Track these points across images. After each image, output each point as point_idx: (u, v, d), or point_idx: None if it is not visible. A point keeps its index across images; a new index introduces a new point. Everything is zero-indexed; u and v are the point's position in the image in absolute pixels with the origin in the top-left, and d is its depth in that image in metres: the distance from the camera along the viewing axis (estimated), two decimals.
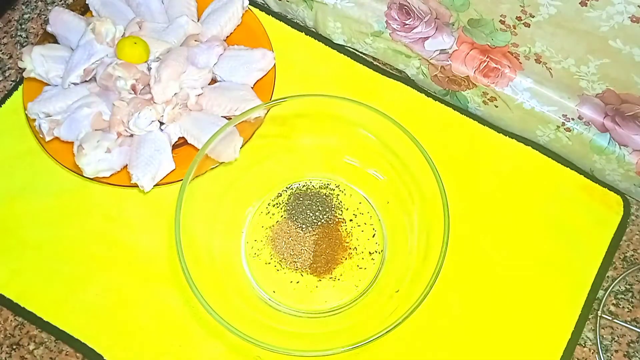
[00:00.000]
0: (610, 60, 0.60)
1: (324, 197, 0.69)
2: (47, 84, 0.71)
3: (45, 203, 0.70)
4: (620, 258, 0.69)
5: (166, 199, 0.69)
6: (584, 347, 0.65)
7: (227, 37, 0.76)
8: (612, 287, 0.67)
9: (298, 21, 0.82)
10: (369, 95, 0.75)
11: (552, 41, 0.62)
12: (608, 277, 0.68)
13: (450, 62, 0.73)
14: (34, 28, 0.82)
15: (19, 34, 0.81)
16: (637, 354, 0.65)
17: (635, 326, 0.66)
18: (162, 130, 0.68)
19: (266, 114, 0.64)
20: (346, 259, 0.67)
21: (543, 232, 0.69)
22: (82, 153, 0.64)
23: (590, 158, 0.71)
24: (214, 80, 0.73)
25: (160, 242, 0.67)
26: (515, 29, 0.64)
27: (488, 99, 0.74)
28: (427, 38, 0.74)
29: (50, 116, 0.68)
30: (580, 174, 0.72)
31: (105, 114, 0.68)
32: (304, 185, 0.70)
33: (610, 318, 0.66)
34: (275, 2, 0.81)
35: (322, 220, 0.67)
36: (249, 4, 0.76)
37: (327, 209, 0.68)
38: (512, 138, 0.74)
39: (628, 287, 0.68)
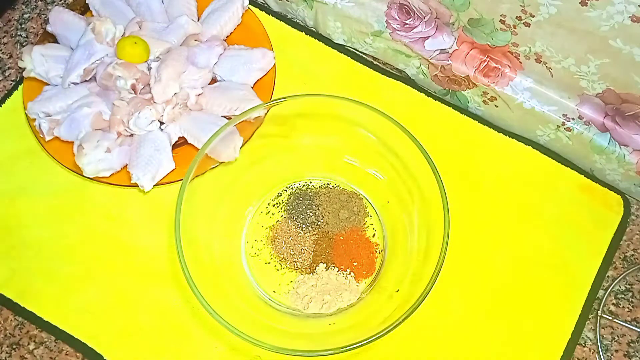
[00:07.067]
0: (610, 60, 0.60)
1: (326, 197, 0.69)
2: (47, 84, 0.71)
3: (45, 203, 0.70)
4: (620, 258, 0.69)
5: (166, 199, 0.69)
6: (584, 347, 0.65)
7: (227, 36, 0.76)
8: (612, 287, 0.67)
9: (298, 21, 0.82)
10: (369, 95, 0.75)
11: (552, 41, 0.62)
12: (608, 277, 0.68)
13: (450, 62, 0.73)
14: (34, 28, 0.82)
15: (19, 33, 0.81)
16: (637, 354, 0.65)
17: (635, 326, 0.66)
18: (162, 130, 0.68)
19: (266, 113, 0.64)
20: None
21: (543, 232, 0.69)
22: (82, 153, 0.64)
23: (590, 158, 0.71)
24: (214, 80, 0.73)
25: (160, 242, 0.67)
26: (515, 28, 0.64)
27: (488, 99, 0.74)
28: (427, 38, 0.73)
29: (50, 116, 0.68)
30: (580, 173, 0.72)
31: (105, 114, 0.68)
32: (304, 185, 0.70)
33: (610, 318, 0.66)
34: (275, 2, 0.81)
35: (322, 220, 0.67)
36: (249, 4, 0.76)
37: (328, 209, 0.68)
38: (512, 138, 0.74)
39: (628, 287, 0.68)
